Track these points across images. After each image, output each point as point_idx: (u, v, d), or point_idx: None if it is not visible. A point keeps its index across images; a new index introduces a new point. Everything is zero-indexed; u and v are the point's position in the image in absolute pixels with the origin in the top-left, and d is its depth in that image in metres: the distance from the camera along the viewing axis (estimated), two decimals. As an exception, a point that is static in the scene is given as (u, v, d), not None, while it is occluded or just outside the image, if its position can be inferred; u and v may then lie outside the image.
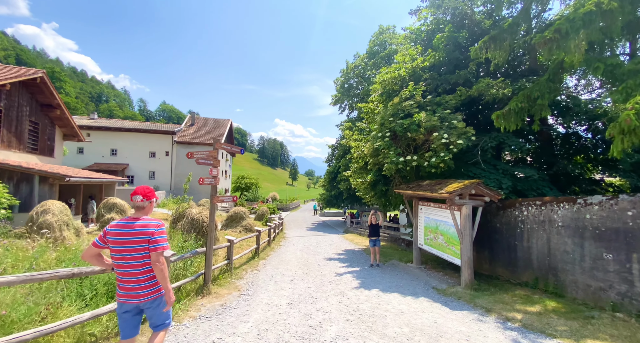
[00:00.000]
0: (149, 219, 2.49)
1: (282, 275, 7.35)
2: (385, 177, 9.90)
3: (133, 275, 2.41)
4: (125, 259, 2.40)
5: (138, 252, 2.39)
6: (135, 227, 2.41)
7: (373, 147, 8.67)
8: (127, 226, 2.42)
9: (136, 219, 2.46)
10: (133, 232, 2.40)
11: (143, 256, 2.40)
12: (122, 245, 2.39)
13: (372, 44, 28.07)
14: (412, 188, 7.76)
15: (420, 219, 8.24)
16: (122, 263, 2.41)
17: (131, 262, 2.40)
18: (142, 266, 2.41)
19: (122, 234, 2.40)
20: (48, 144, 15.75)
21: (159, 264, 2.37)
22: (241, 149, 6.23)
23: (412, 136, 7.82)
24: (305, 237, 17.39)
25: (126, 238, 2.39)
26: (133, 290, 2.41)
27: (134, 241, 2.39)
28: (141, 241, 2.39)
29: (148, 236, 2.40)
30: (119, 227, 2.43)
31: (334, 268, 8.37)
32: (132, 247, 2.38)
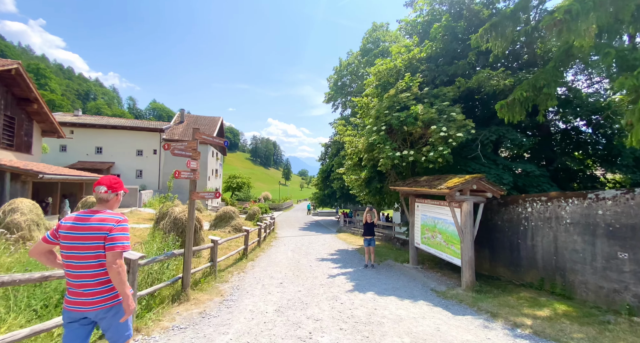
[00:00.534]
0: (108, 213, 2.10)
1: (270, 278, 6.84)
2: (381, 174, 9.48)
3: (85, 277, 2.01)
4: (76, 258, 2.00)
5: (91, 250, 2.00)
6: (91, 221, 2.03)
7: (368, 142, 8.23)
8: (82, 220, 2.03)
9: (94, 213, 2.08)
10: (87, 227, 2.01)
11: (97, 256, 2.01)
12: (73, 242, 1.99)
13: (366, 42, 27.75)
14: (409, 184, 7.35)
15: (417, 217, 7.84)
16: (72, 262, 2.01)
17: (83, 261, 2.00)
18: (95, 267, 2.02)
19: (74, 228, 2.01)
20: (25, 140, 14.82)
21: (114, 267, 1.97)
22: (225, 141, 5.70)
23: (409, 130, 7.41)
24: (298, 237, 16.88)
25: (79, 234, 2.00)
26: (84, 295, 2.00)
27: (88, 237, 2.00)
28: (96, 238, 2.00)
29: (105, 232, 2.01)
30: (73, 220, 2.05)
31: (326, 269, 7.90)
32: (84, 244, 1.99)
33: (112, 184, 2.19)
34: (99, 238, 1.99)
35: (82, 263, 1.99)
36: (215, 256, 6.56)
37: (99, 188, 2.15)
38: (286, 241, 14.50)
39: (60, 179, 11.40)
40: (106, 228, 2.01)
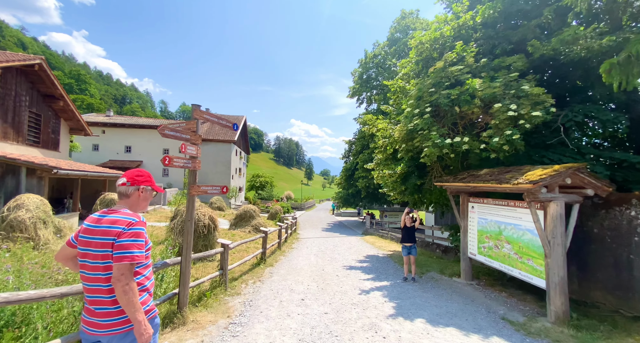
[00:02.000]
0: (122, 213, 1.70)
1: (290, 291, 5.66)
2: (420, 168, 7.98)
3: (97, 292, 1.63)
4: (88, 269, 1.64)
5: (100, 259, 1.61)
6: (102, 222, 1.65)
7: (406, 129, 6.79)
8: (96, 221, 1.69)
9: (109, 212, 1.71)
10: (97, 230, 1.64)
11: (106, 267, 1.61)
12: (85, 248, 1.65)
13: (394, 31, 25.94)
14: (463, 179, 5.82)
15: (471, 221, 6.28)
16: (84, 273, 1.66)
17: (93, 273, 1.63)
18: (106, 281, 1.61)
19: (88, 231, 1.67)
20: (52, 137, 14.95)
21: (119, 284, 1.53)
22: (233, 124, 4.60)
23: (463, 111, 5.89)
24: (321, 238, 15.69)
25: (90, 239, 1.64)
26: (97, 315, 1.61)
27: (97, 244, 1.62)
28: (104, 244, 1.61)
29: (112, 238, 1.61)
30: (91, 221, 1.71)
31: (356, 281, 6.59)
32: (94, 251, 1.62)
33: (133, 176, 1.81)
34: (106, 245, 1.61)
35: (93, 275, 1.63)
36: (226, 263, 5.50)
37: (118, 181, 1.80)
38: (309, 243, 13.36)
39: (77, 175, 11.11)
40: (114, 233, 1.61)
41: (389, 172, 7.90)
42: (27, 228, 7.08)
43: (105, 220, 1.65)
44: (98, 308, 1.60)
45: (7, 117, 11.96)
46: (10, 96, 12.17)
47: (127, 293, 1.52)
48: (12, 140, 12.18)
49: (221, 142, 32.46)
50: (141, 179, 1.82)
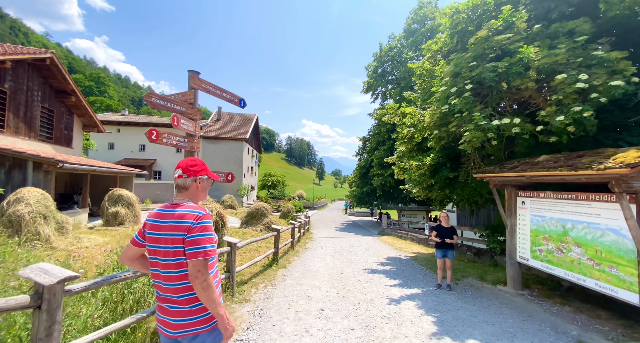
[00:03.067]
0: (188, 207, 1.54)
1: (307, 299, 4.85)
2: (453, 159, 7.00)
3: (169, 291, 1.49)
4: (159, 266, 1.52)
5: (172, 256, 1.48)
6: (170, 217, 1.52)
7: (440, 112, 5.85)
8: (162, 216, 1.55)
9: (175, 206, 1.56)
10: (166, 226, 1.51)
11: (178, 264, 1.48)
12: (154, 245, 1.53)
13: (410, 21, 24.75)
14: (514, 169, 4.83)
15: (521, 219, 5.27)
16: (155, 271, 1.54)
17: (165, 271, 1.49)
18: (178, 279, 1.48)
19: (155, 227, 1.54)
20: (65, 133, 14.81)
21: (197, 281, 1.41)
22: (240, 99, 3.83)
23: (514, 85, 4.90)
24: (335, 238, 14.84)
25: (158, 235, 1.52)
26: (170, 314, 1.50)
27: (166, 240, 1.49)
28: (174, 240, 1.47)
29: (182, 233, 1.46)
30: (154, 216, 1.59)
31: (382, 287, 5.71)
32: (164, 248, 1.49)
33: (188, 167, 1.63)
34: (176, 242, 1.47)
35: (165, 273, 1.50)
36: (233, 264, 4.75)
37: (174, 173, 1.67)
38: (323, 243, 12.54)
39: (85, 170, 10.74)
40: (184, 228, 1.47)
41: (416, 164, 6.95)
42: (27, 224, 6.62)
43: (172, 215, 1.53)
44: (171, 306, 1.50)
45: (19, 112, 11.77)
46: (22, 91, 11.98)
47: (206, 289, 1.42)
48: (24, 135, 11.99)
49: (233, 140, 32.20)
50: (196, 169, 1.66)
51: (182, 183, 1.64)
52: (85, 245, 7.31)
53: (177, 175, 1.65)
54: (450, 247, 5.68)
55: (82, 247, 6.92)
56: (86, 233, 8.98)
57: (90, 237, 8.16)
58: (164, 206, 1.61)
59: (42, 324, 1.83)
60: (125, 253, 1.67)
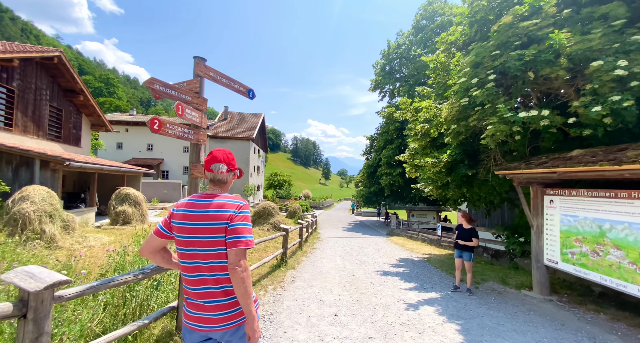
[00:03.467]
0: (227, 197, 1.53)
1: (319, 303, 4.58)
2: (471, 156, 6.64)
3: (206, 283, 1.46)
4: (194, 258, 1.47)
5: (212, 246, 1.44)
6: (210, 207, 1.48)
7: (459, 105, 5.50)
8: (197, 206, 1.50)
9: (211, 197, 1.53)
10: (205, 216, 1.46)
11: (219, 255, 1.45)
12: (189, 235, 1.47)
13: (419, 18, 24.25)
14: (542, 164, 4.47)
15: (549, 219, 4.90)
16: (188, 264, 1.49)
17: (202, 262, 1.46)
18: (218, 270, 1.45)
19: (188, 217, 1.49)
20: (74, 132, 14.87)
21: (239, 270, 1.38)
22: (249, 89, 3.57)
23: (543, 74, 4.54)
24: (343, 238, 14.54)
25: (194, 225, 1.46)
26: (206, 309, 1.45)
27: (206, 229, 1.45)
28: (217, 230, 1.44)
29: (225, 222, 1.44)
30: (185, 206, 1.53)
31: (397, 291, 5.40)
32: (203, 238, 1.45)
33: (230, 161, 1.62)
34: (219, 231, 1.44)
35: (201, 264, 1.46)
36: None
37: (218, 167, 1.57)
38: (331, 243, 12.26)
39: (92, 169, 10.68)
40: (226, 217, 1.45)
41: (432, 161, 6.61)
42: (32, 222, 6.52)
43: (209, 205, 1.49)
44: (210, 301, 1.45)
45: (27, 111, 11.79)
46: (31, 89, 12.01)
47: (244, 281, 1.38)
48: (33, 134, 12.02)
49: (239, 139, 32.17)
50: (235, 163, 1.67)
51: (225, 178, 1.61)
52: (91, 244, 7.19)
53: (221, 170, 1.58)
54: (465, 248, 5.35)
55: (88, 246, 6.79)
56: (92, 232, 8.89)
57: (97, 236, 8.06)
58: (196, 196, 1.56)
59: (27, 336, 1.60)
60: (147, 245, 1.59)
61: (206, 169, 1.60)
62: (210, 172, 1.59)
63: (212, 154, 1.61)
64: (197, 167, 2.93)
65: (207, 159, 1.61)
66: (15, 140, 10.73)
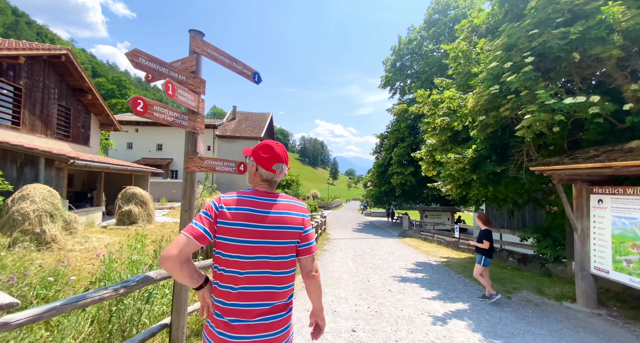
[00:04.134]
0: (290, 198, 1.38)
1: (333, 315, 4.09)
2: (499, 151, 6.03)
3: (273, 298, 1.24)
4: (262, 266, 1.23)
5: (286, 253, 1.27)
6: (281, 208, 1.29)
7: (488, 94, 4.92)
8: (265, 205, 1.27)
9: (275, 195, 1.33)
10: (280, 217, 1.26)
11: (291, 262, 1.30)
12: (258, 240, 1.22)
13: (431, 11, 23.46)
14: (593, 158, 3.86)
15: (597, 221, 4.27)
16: (253, 274, 1.21)
17: (280, 272, 1.26)
18: (288, 281, 1.29)
19: (258, 218, 1.23)
20: (82, 131, 14.84)
21: (317, 275, 1.40)
22: (254, 72, 3.11)
23: (594, 54, 3.93)
24: (354, 239, 14.00)
25: (268, 227, 1.23)
26: (265, 328, 1.21)
27: (284, 233, 1.26)
28: (293, 235, 1.28)
29: (300, 227, 1.31)
30: (253, 205, 1.25)
31: (419, 300, 4.85)
32: (278, 243, 1.24)
33: (287, 160, 1.42)
34: (294, 236, 1.29)
35: (271, 274, 1.23)
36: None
37: (281, 168, 1.36)
38: (341, 245, 11.75)
39: (99, 168, 10.49)
40: (300, 221, 1.31)
41: (456, 156, 6.03)
42: (32, 222, 6.27)
43: (278, 205, 1.28)
44: (270, 318, 1.23)
45: (34, 110, 11.72)
46: (38, 88, 11.94)
47: (320, 283, 1.43)
48: (41, 133, 11.94)
49: (248, 139, 31.99)
50: None
51: (281, 179, 1.48)
52: (94, 246, 6.90)
53: (284, 172, 1.40)
54: (477, 250, 4.91)
55: (88, 248, 6.49)
56: (96, 232, 8.65)
57: (100, 237, 7.79)
58: (253, 193, 1.30)
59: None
60: (181, 253, 1.16)
61: (264, 166, 1.34)
62: (271, 173, 1.35)
63: (271, 149, 1.35)
64: (193, 159, 2.48)
65: (267, 156, 1.34)
66: (22, 139, 10.63)
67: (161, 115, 2.13)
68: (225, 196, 1.27)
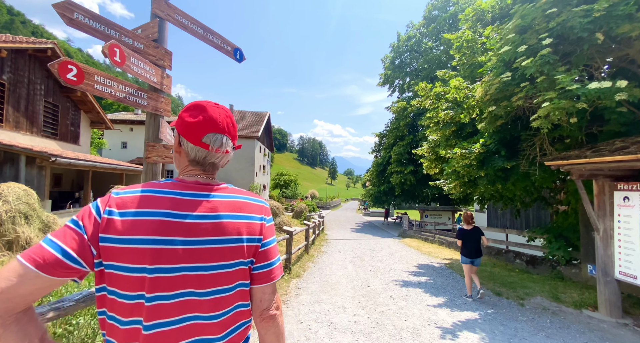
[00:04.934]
0: (241, 192, 0.88)
1: (329, 327, 3.64)
2: (508, 145, 5.60)
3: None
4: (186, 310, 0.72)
5: (223, 284, 0.77)
6: (217, 209, 0.80)
7: (499, 82, 4.48)
8: (195, 206, 0.77)
9: (209, 189, 0.83)
10: (215, 224, 0.77)
11: (233, 296, 0.79)
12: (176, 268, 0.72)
13: (431, 8, 23.08)
14: (620, 150, 3.43)
15: (622, 221, 3.85)
16: (169, 325, 0.71)
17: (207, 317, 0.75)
18: (229, 325, 0.79)
19: (176, 229, 0.73)
20: (71, 129, 14.31)
21: (278, 315, 0.87)
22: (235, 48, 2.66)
23: (619, 33, 3.50)
24: (353, 240, 13.57)
25: (194, 243, 0.74)
26: None
27: (219, 252, 0.76)
28: (237, 252, 0.79)
29: (251, 238, 0.82)
30: (171, 206, 0.75)
31: (424, 309, 4.41)
32: (211, 269, 0.75)
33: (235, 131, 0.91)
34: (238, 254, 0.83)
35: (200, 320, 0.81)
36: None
37: (219, 141, 0.84)
38: (340, 246, 11.31)
39: (83, 166, 10.01)
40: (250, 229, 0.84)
41: (462, 152, 5.59)
42: (3, 224, 5.79)
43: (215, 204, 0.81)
44: None
45: (19, 106, 11.20)
46: (23, 83, 11.43)
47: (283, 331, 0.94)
48: (26, 130, 11.42)
49: (244, 138, 31.51)
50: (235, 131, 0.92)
51: (225, 161, 0.90)
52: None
53: (225, 148, 0.86)
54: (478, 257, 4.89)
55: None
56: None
57: (83, 239, 7.31)
58: (174, 185, 0.80)
59: None
60: (7, 298, 0.60)
61: (191, 137, 0.82)
62: (202, 148, 0.83)
63: (203, 110, 0.83)
64: (155, 148, 2.03)
65: (194, 122, 0.82)
66: (5, 136, 10.10)
67: (106, 89, 1.67)
68: (119, 192, 0.75)
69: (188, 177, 0.84)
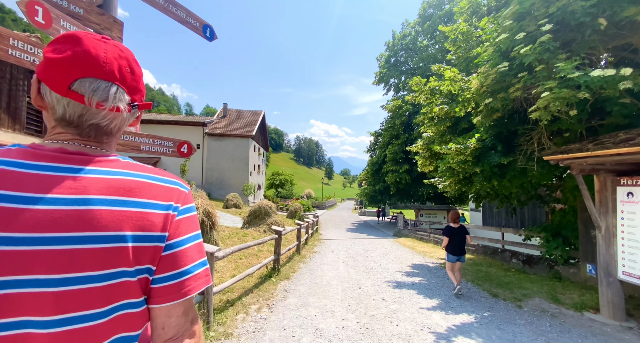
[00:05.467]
0: (141, 169, 0.59)
1: (315, 334, 3.36)
2: (505, 140, 5.38)
3: None
4: None
5: (99, 306, 0.50)
6: (96, 190, 0.52)
7: (496, 73, 4.25)
8: (54, 183, 0.50)
9: (94, 161, 0.55)
10: (85, 213, 0.50)
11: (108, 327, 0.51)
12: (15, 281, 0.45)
13: (426, 6, 22.94)
14: (626, 142, 3.21)
15: (626, 218, 3.63)
16: None
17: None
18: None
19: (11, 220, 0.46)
20: (57, 126, 13.84)
21: None
22: (204, 24, 2.37)
23: (625, 16, 3.29)
24: (347, 240, 13.32)
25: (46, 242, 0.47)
26: None
27: (76, 255, 0.48)
28: (104, 257, 0.50)
29: (147, 235, 0.54)
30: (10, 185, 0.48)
31: (417, 312, 4.16)
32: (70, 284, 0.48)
33: (138, 78, 0.62)
34: (122, 260, 0.54)
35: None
36: (210, 287, 3.30)
37: (97, 88, 0.54)
38: (333, 246, 11.05)
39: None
40: (145, 223, 0.56)
41: (457, 147, 5.35)
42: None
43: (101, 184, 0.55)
44: None
45: (0, 103, 10.74)
46: (4, 79, 10.93)
47: None
48: (7, 127, 10.93)
49: (239, 137, 31.14)
50: (143, 83, 0.66)
51: (120, 124, 0.61)
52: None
53: (119, 104, 0.57)
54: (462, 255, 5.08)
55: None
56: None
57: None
58: (27, 154, 0.51)
59: None
60: None
61: (54, 83, 0.55)
62: (73, 101, 0.55)
63: (77, 42, 0.55)
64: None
65: (61, 58, 0.54)
66: (-17, 133, 9.67)
67: (20, 55, 1.37)
68: None
69: (51, 143, 0.57)
